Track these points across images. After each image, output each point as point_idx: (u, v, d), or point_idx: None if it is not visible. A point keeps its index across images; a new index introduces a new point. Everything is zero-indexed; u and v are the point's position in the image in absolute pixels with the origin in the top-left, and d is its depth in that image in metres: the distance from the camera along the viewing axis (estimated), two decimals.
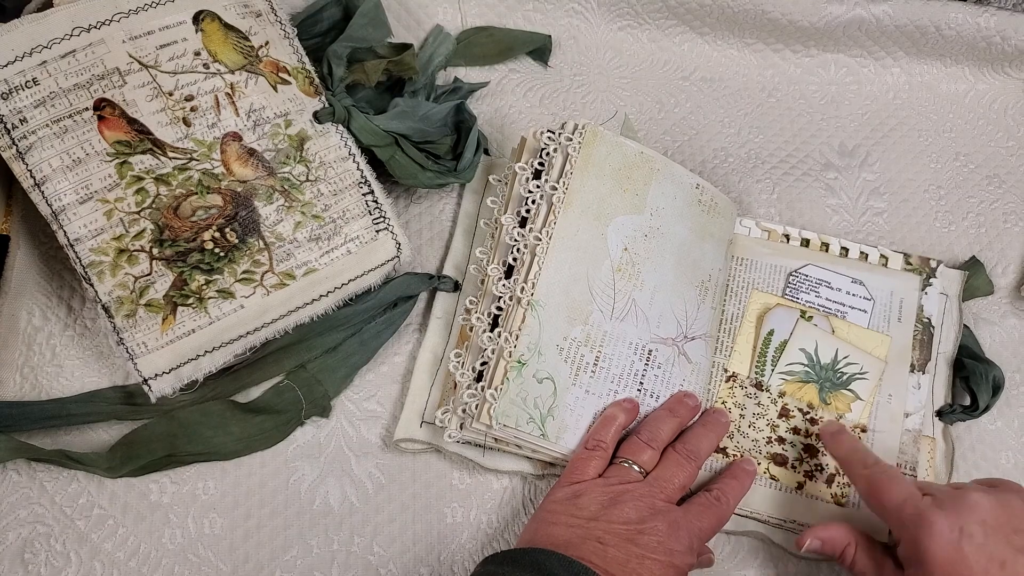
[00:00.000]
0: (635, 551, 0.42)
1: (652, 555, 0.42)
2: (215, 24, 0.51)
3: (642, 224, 0.52)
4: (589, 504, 0.44)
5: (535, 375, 0.48)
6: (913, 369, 0.53)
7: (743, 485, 0.48)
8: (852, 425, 0.51)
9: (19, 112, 0.46)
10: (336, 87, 0.55)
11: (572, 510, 0.44)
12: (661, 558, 0.42)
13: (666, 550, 0.43)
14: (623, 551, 0.42)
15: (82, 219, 0.47)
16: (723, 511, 0.47)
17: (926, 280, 0.55)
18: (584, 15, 0.67)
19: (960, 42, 0.64)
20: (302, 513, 0.51)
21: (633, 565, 0.42)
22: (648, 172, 0.53)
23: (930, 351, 0.54)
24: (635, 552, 0.42)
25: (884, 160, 0.64)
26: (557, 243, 0.50)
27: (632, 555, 0.42)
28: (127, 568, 0.49)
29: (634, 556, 0.42)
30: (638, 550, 0.42)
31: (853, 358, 0.52)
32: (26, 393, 0.52)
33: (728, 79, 0.67)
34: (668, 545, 0.43)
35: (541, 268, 0.49)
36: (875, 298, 0.54)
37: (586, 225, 0.51)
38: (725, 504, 0.47)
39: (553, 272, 0.49)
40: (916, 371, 0.53)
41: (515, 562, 0.41)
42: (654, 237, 0.52)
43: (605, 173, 0.52)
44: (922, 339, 0.54)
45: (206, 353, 0.49)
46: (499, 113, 0.64)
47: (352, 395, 0.54)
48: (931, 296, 0.55)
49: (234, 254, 0.49)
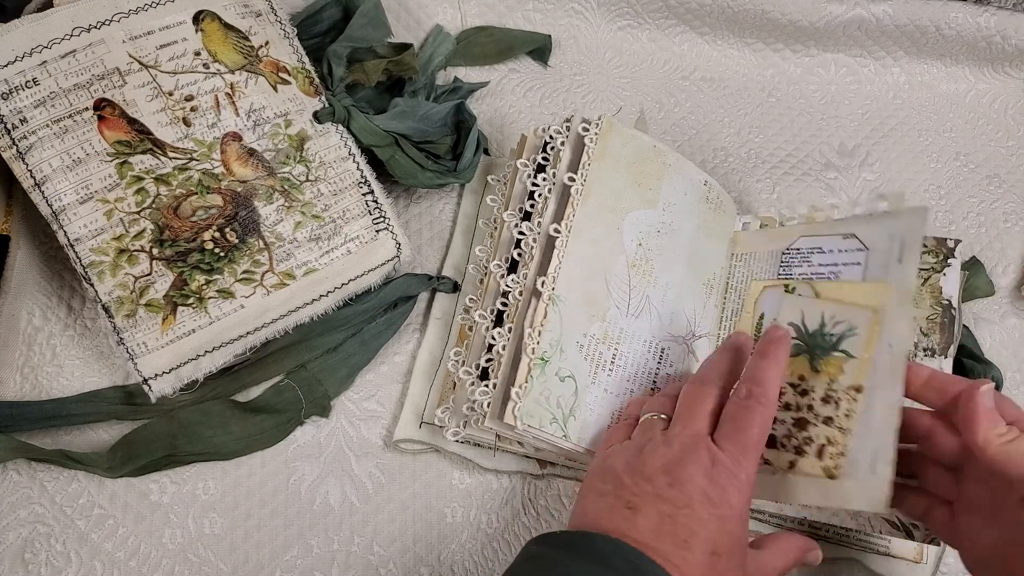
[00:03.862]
0: (666, 510, 0.37)
1: (685, 509, 0.37)
2: (215, 24, 0.51)
3: (655, 219, 0.51)
4: (615, 465, 0.40)
5: (557, 373, 0.47)
6: (934, 354, 0.52)
7: (776, 359, 0.41)
8: (847, 386, 0.45)
9: (19, 112, 0.46)
10: (336, 87, 0.55)
11: (601, 477, 0.41)
12: (701, 512, 0.37)
13: (704, 498, 0.37)
14: (654, 514, 0.37)
15: (82, 219, 0.47)
16: (763, 404, 0.40)
17: (943, 261, 0.54)
18: (584, 15, 0.67)
19: (960, 42, 0.64)
20: (302, 513, 0.51)
21: (666, 529, 0.37)
22: (661, 166, 0.52)
23: (952, 333, 0.52)
24: (667, 512, 0.37)
25: (884, 160, 0.64)
26: (576, 236, 0.49)
27: (664, 517, 0.37)
28: (127, 568, 0.49)
29: (666, 518, 0.37)
30: (669, 508, 0.37)
31: (840, 316, 0.48)
32: (26, 393, 0.52)
33: (728, 79, 0.67)
34: (706, 492, 0.37)
35: (561, 262, 0.48)
36: (870, 247, 0.49)
37: (603, 218, 0.50)
38: (760, 394, 0.40)
39: (573, 266, 0.48)
40: (939, 355, 0.52)
41: (570, 546, 0.37)
42: (667, 233, 0.52)
43: (620, 166, 0.51)
44: (942, 322, 0.52)
45: (206, 353, 0.49)
46: (499, 113, 0.64)
47: (352, 395, 0.54)
48: (950, 277, 0.53)
49: (234, 254, 0.49)
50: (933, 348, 0.52)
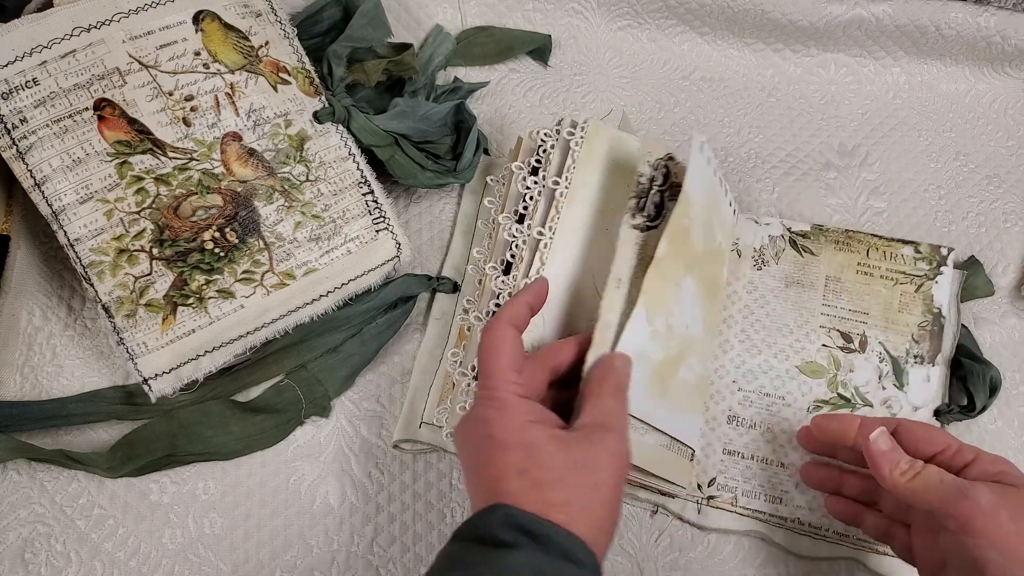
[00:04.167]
0: (468, 462, 0.38)
1: (471, 458, 0.38)
2: (215, 24, 0.51)
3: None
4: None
5: None
6: (923, 361, 0.53)
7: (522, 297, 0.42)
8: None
9: (19, 112, 0.46)
10: (336, 87, 0.55)
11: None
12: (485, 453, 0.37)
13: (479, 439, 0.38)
14: (469, 478, 0.38)
15: (82, 219, 0.47)
16: (488, 327, 0.40)
17: (936, 269, 0.55)
18: (584, 15, 0.67)
19: (960, 42, 0.64)
20: (302, 513, 0.51)
21: (471, 486, 0.38)
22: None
23: (940, 341, 0.53)
24: (467, 465, 0.38)
25: (884, 160, 0.64)
26: (560, 239, 0.49)
27: (468, 474, 0.38)
28: (127, 568, 0.49)
29: (469, 475, 0.38)
30: (467, 458, 0.38)
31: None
32: (26, 393, 0.52)
33: (728, 79, 0.67)
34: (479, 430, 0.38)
35: (544, 263, 0.49)
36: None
37: (589, 220, 0.50)
38: (491, 319, 0.41)
39: (557, 268, 0.49)
40: (927, 363, 0.53)
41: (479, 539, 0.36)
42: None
43: (607, 168, 0.51)
44: (932, 330, 0.53)
45: (206, 353, 0.49)
46: (499, 113, 0.64)
47: (352, 395, 0.54)
48: (942, 285, 0.54)
49: (234, 254, 0.49)
50: (922, 356, 0.53)
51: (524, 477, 0.36)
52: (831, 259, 0.56)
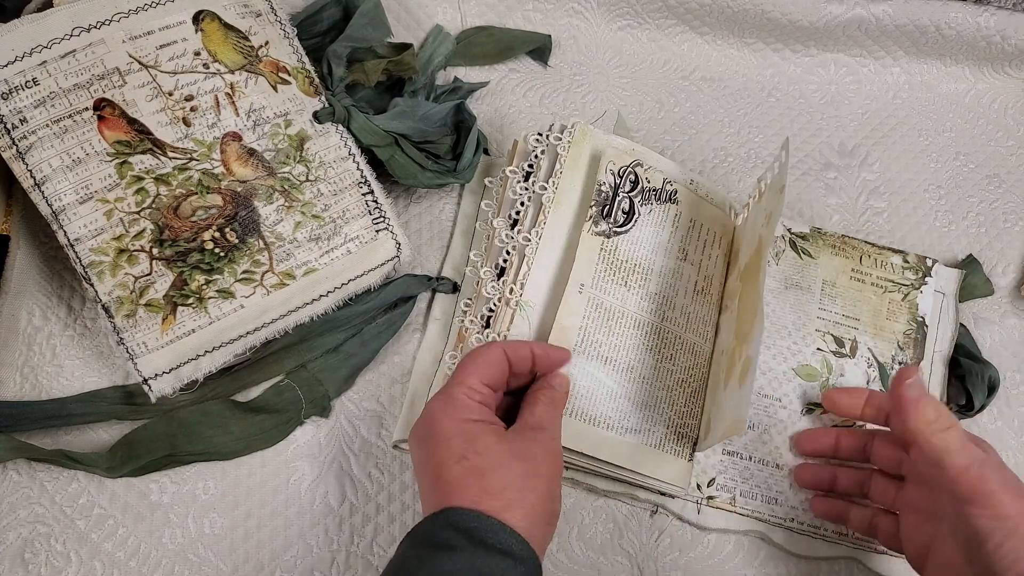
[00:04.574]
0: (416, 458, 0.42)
1: (419, 453, 0.42)
2: (215, 24, 0.51)
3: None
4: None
5: None
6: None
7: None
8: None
9: (19, 112, 0.46)
10: (336, 87, 0.55)
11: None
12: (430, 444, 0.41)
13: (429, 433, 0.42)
14: (418, 474, 0.42)
15: (82, 219, 0.47)
16: (485, 344, 0.45)
17: (921, 279, 0.55)
18: (584, 15, 0.67)
19: (960, 42, 0.64)
20: (302, 513, 0.51)
21: (420, 484, 0.42)
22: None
23: (923, 349, 0.54)
24: (416, 461, 0.42)
25: (884, 160, 0.64)
26: (546, 243, 0.50)
27: (417, 471, 0.42)
28: (127, 568, 0.49)
29: (418, 472, 0.42)
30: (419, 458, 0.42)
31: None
32: (26, 393, 0.52)
33: (728, 79, 0.67)
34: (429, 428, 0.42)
35: (530, 269, 0.49)
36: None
37: (576, 225, 0.50)
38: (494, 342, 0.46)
39: (542, 273, 0.49)
40: None
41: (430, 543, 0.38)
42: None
43: (595, 172, 0.52)
44: (916, 337, 0.54)
45: (206, 353, 0.49)
46: (499, 113, 0.64)
47: (352, 395, 0.54)
48: (926, 294, 0.55)
49: (234, 254, 0.49)
50: (907, 362, 0.54)
51: (463, 463, 0.39)
52: (828, 263, 0.56)
